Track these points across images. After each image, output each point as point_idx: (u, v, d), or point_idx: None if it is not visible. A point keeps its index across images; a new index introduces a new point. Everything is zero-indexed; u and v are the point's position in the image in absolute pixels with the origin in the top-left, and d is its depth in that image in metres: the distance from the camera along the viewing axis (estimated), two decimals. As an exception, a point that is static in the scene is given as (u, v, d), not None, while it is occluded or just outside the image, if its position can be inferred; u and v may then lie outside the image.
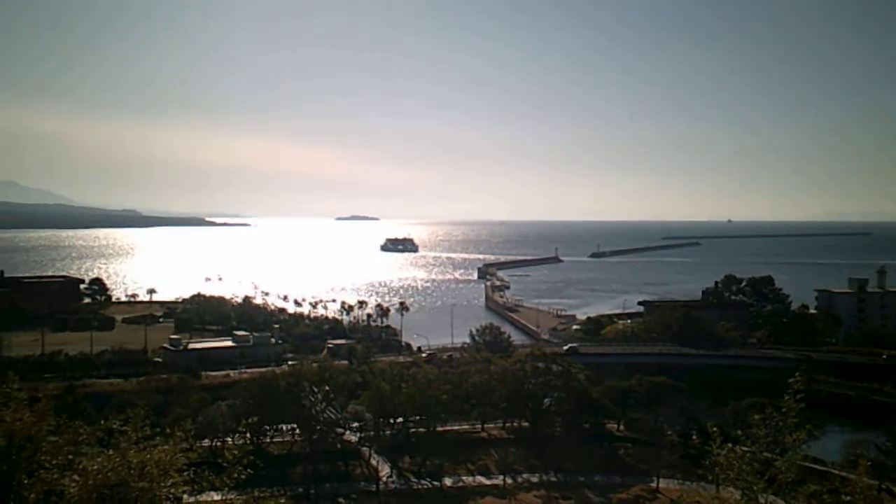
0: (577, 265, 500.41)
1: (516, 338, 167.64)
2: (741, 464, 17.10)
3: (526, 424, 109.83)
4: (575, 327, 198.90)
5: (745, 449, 18.27)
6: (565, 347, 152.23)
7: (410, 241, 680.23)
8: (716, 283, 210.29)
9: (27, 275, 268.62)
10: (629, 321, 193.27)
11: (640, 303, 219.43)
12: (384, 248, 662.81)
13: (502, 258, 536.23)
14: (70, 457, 14.96)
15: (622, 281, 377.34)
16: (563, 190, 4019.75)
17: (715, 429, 18.62)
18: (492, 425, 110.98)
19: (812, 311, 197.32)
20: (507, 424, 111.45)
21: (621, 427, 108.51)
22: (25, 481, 14.38)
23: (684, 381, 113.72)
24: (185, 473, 15.35)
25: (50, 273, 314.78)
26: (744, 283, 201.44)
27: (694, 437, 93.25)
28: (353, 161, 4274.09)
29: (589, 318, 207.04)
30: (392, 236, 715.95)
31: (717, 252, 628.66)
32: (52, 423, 15.31)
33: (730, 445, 17.92)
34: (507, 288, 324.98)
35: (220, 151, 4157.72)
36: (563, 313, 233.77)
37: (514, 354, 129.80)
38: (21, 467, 14.44)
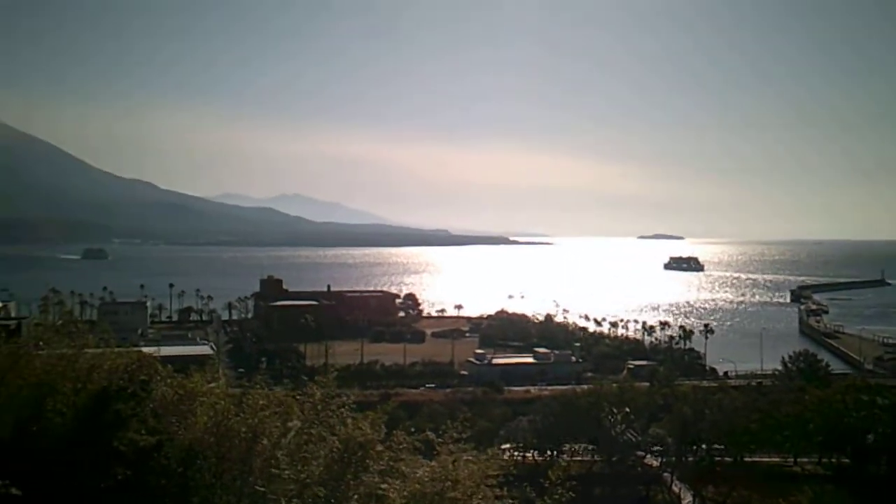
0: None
1: (835, 366, 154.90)
2: None
3: (846, 461, 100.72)
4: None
5: None
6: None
7: (695, 259, 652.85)
8: None
9: (349, 289, 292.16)
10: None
11: None
12: (667, 266, 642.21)
13: (816, 280, 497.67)
14: (391, 463, 16.03)
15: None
16: (892, 205, 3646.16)
17: None
18: (805, 459, 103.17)
19: None
20: (824, 460, 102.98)
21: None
22: (351, 482, 15.60)
23: None
24: (497, 489, 15.81)
25: (369, 288, 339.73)
26: None
27: None
28: (660, 178, 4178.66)
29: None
30: (676, 254, 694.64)
31: None
32: (383, 433, 16.44)
33: None
34: (825, 312, 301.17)
35: (528, 172, 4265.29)
36: (891, 341, 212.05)
37: (832, 384, 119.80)
38: (350, 470, 15.68)
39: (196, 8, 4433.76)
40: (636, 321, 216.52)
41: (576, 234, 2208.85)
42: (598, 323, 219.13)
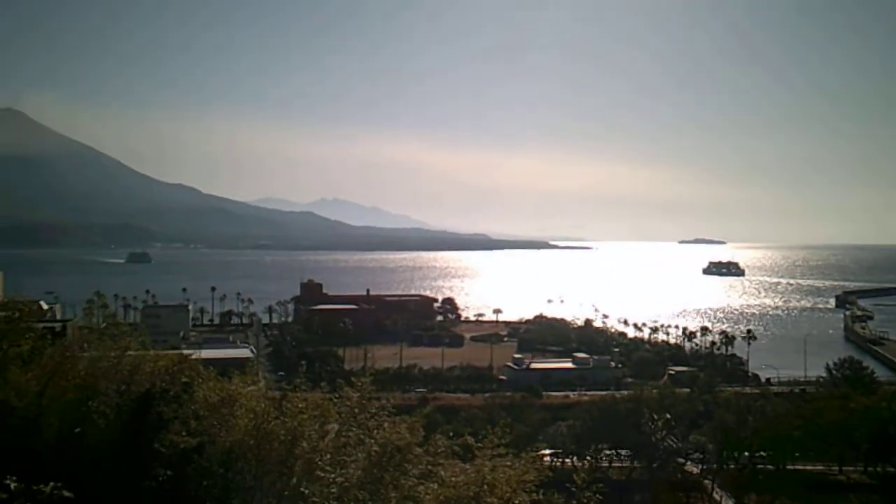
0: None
1: (881, 373, 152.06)
2: None
3: (892, 470, 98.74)
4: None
5: None
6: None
7: (735, 264, 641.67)
8: None
9: (389, 293, 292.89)
10: None
11: None
12: (706, 271, 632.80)
13: (861, 286, 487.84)
14: (429, 467, 16.05)
15: None
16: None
17: None
18: (850, 468, 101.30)
19: None
20: (870, 468, 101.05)
21: None
22: (390, 486, 15.65)
23: None
24: (534, 494, 15.74)
25: (408, 292, 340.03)
26: None
27: None
28: (701, 183, 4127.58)
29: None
30: (716, 259, 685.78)
31: None
32: (421, 438, 16.49)
33: None
34: (871, 318, 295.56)
35: (568, 177, 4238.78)
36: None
37: (878, 392, 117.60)
38: (388, 473, 15.74)
39: (235, 14, 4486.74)
40: (676, 326, 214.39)
41: (615, 239, 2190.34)
42: (637, 328, 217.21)
